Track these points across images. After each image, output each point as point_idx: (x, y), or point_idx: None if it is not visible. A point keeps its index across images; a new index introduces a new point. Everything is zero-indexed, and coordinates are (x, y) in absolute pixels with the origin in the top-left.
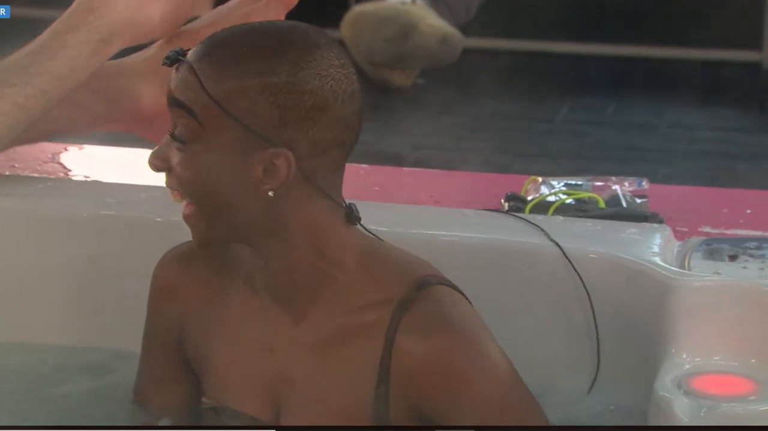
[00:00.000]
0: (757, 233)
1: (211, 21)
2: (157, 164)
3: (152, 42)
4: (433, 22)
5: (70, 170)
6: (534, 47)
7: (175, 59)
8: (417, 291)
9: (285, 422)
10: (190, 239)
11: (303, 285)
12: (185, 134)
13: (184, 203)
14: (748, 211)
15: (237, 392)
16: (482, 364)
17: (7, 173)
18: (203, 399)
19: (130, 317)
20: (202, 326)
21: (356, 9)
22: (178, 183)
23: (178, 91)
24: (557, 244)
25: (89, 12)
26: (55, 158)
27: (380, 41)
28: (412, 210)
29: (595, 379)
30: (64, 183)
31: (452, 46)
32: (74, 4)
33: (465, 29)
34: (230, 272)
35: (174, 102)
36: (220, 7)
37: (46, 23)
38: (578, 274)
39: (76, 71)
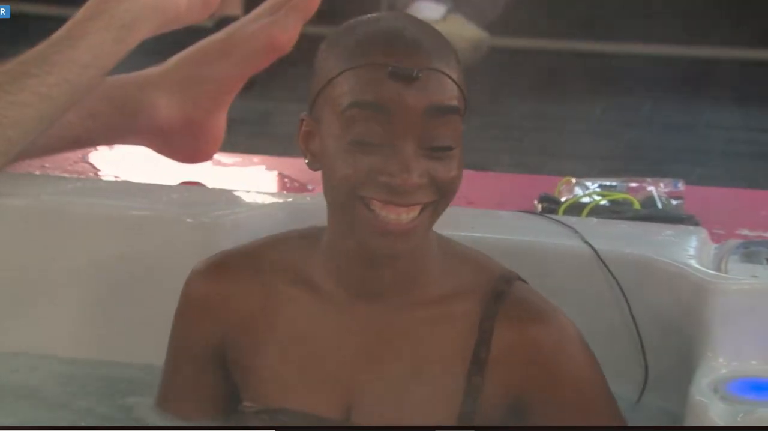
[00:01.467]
0: None
1: (229, 34)
2: (423, 181)
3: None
4: (466, 34)
5: (99, 170)
6: (568, 47)
7: (417, 71)
8: (507, 284)
9: (359, 417)
10: (218, 238)
11: (406, 277)
12: (456, 137)
13: (407, 217)
14: None
15: (300, 393)
16: (577, 349)
17: (38, 173)
18: (245, 404)
19: (162, 318)
20: (248, 334)
21: None
22: (439, 191)
23: (447, 98)
24: (591, 246)
25: None
26: (85, 158)
27: None
28: (445, 211)
29: (643, 389)
30: (94, 183)
31: (482, 51)
32: None
33: (499, 29)
34: (273, 277)
35: (447, 110)
36: (236, 22)
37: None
38: (614, 276)
39: (99, 59)
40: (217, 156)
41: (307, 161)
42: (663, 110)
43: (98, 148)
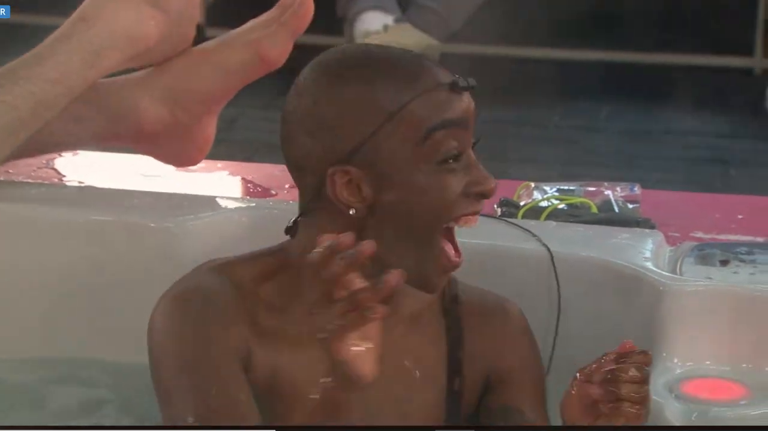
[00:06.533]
0: (749, 239)
1: (221, 43)
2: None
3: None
4: (408, 42)
5: (64, 176)
6: (527, 54)
7: (469, 79)
8: (454, 286)
9: None
10: (182, 242)
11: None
12: None
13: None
14: (740, 216)
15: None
16: (530, 334)
17: (2, 179)
18: None
19: (125, 323)
20: (266, 347)
21: None
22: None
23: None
24: (547, 248)
25: (81, 22)
26: (49, 163)
27: None
28: None
29: (549, 365)
30: (58, 189)
31: (430, 56)
32: (72, 16)
33: (460, 37)
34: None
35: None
36: (229, 33)
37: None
38: (557, 279)
39: (67, 78)
40: None
41: (353, 211)
42: (620, 115)
43: (63, 154)
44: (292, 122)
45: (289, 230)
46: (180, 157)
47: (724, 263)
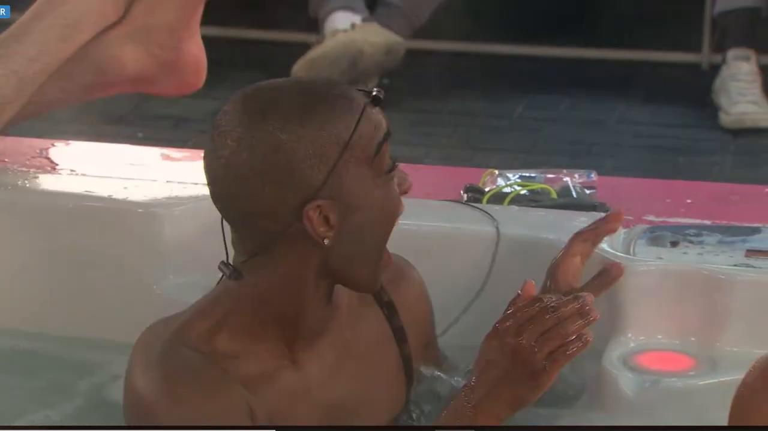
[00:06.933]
0: (697, 221)
1: None
2: None
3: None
4: (375, 39)
5: (57, 164)
6: (493, 50)
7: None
8: None
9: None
10: (167, 228)
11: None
12: None
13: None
14: (689, 201)
15: None
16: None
17: None
18: None
19: (111, 306)
20: (255, 395)
21: (307, 57)
22: None
23: None
24: (498, 230)
25: None
26: (42, 152)
27: (336, 76)
28: None
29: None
30: (51, 176)
31: (396, 53)
32: None
33: (429, 33)
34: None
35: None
36: None
37: None
38: (493, 258)
39: (45, 54)
40: (166, 151)
41: (326, 241)
42: (578, 107)
43: (56, 144)
44: (246, 174)
45: (233, 274)
46: (179, 86)
47: (674, 244)
